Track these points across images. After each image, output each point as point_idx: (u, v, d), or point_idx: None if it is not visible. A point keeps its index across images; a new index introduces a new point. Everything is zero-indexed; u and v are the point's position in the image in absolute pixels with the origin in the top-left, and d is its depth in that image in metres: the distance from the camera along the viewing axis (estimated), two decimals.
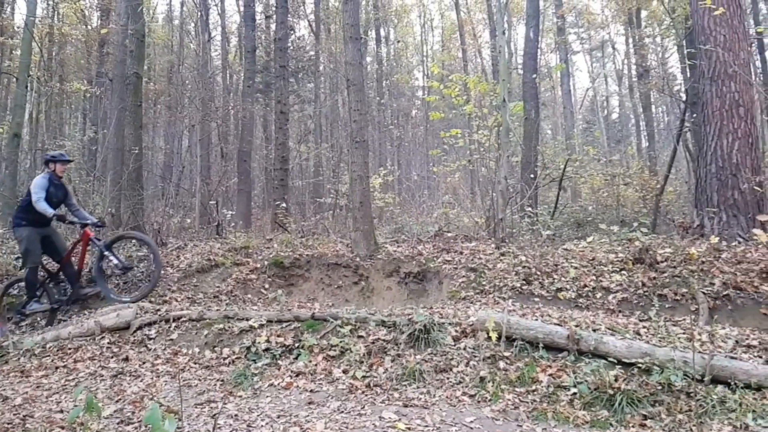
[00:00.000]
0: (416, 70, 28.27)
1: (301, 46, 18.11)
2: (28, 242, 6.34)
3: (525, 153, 12.48)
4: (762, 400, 3.85)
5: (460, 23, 23.40)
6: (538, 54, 17.06)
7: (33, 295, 6.58)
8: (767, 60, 19.47)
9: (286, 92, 11.81)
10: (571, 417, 3.96)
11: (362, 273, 7.62)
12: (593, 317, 5.60)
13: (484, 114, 10.54)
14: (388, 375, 4.86)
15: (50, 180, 6.46)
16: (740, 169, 8.18)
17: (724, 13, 8.31)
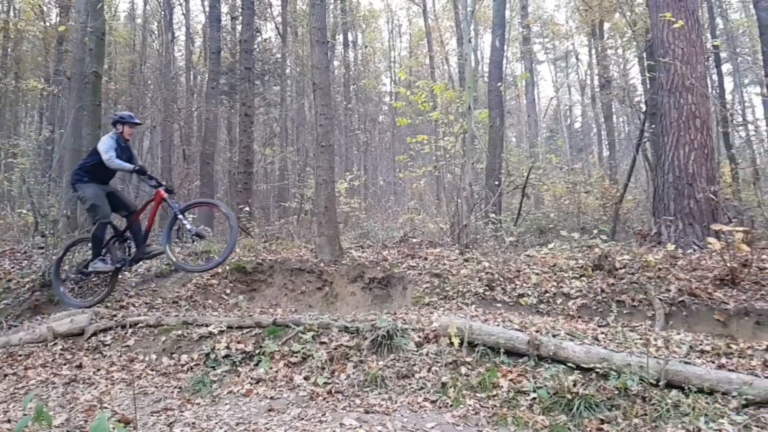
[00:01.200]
0: (384, 76, 28.38)
1: (268, 48, 17.94)
2: (95, 198, 6.14)
3: (490, 160, 12.63)
4: (714, 403, 3.95)
5: (427, 30, 23.57)
6: (503, 63, 17.31)
7: (98, 253, 6.34)
8: (723, 74, 20.20)
9: (252, 95, 11.67)
10: (530, 422, 4.00)
11: (326, 278, 7.57)
12: (554, 323, 5.68)
13: (450, 121, 10.63)
14: (350, 381, 4.83)
15: (117, 141, 6.23)
16: (696, 179, 8.43)
17: (683, 26, 8.58)
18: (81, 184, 6.18)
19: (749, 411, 3.87)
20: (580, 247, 8.21)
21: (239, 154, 11.66)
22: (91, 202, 6.13)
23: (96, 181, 6.23)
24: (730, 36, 21.38)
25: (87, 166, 6.24)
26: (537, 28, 28.17)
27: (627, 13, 15.21)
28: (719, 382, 4.07)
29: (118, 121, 6.31)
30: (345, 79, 22.46)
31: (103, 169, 6.20)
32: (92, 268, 6.43)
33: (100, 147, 6.12)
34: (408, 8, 27.95)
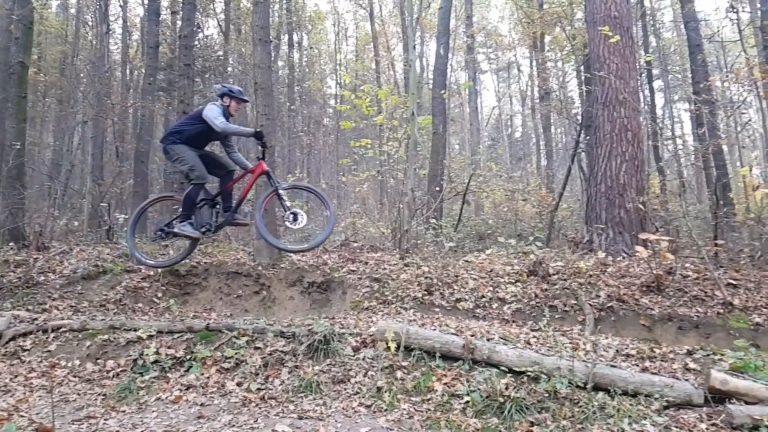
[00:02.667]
0: (329, 78, 28.26)
1: (209, 45, 17.51)
2: (192, 159, 5.85)
3: (432, 166, 12.77)
4: (637, 405, 4.11)
5: (374, 35, 23.64)
6: (447, 71, 17.57)
7: (189, 215, 5.97)
8: (654, 90, 21.23)
9: (191, 92, 11.33)
10: (463, 425, 4.04)
11: (264, 282, 7.42)
12: (489, 327, 5.78)
13: (394, 126, 10.66)
14: (285, 387, 4.76)
15: (223, 112, 5.89)
16: (627, 190, 8.80)
17: (618, 42, 8.94)
18: (174, 145, 5.88)
19: (670, 412, 4.05)
20: (516, 253, 8.40)
21: None
22: (189, 162, 5.83)
23: (188, 144, 5.93)
24: (662, 54, 22.49)
25: (185, 133, 5.92)
26: (481, 38, 28.81)
27: (567, 27, 15.76)
28: (643, 385, 4.24)
29: (227, 94, 6.02)
30: (289, 80, 22.18)
31: (203, 138, 5.99)
32: (178, 230, 6.03)
33: (208, 114, 5.80)
34: (355, 12, 28.00)
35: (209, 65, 15.80)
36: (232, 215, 6.20)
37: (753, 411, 3.82)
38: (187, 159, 5.84)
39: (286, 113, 20.71)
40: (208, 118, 5.75)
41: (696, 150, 15.01)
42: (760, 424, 3.73)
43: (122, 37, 18.97)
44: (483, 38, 29.15)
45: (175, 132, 5.99)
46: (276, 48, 21.77)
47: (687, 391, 4.14)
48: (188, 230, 5.94)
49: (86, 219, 11.94)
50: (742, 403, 3.99)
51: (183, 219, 5.97)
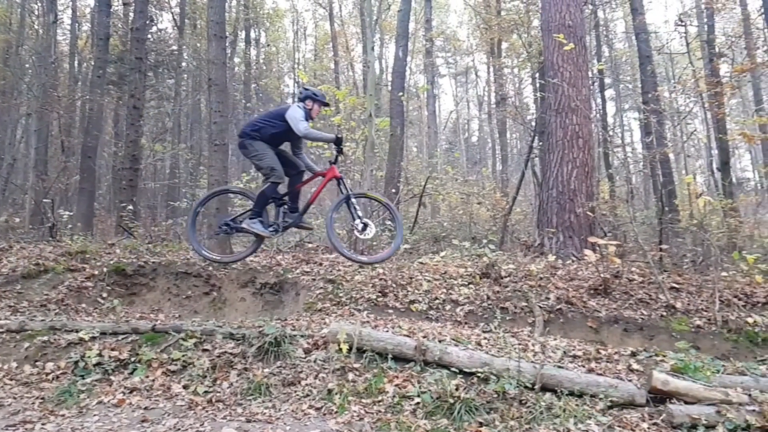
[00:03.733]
0: (287, 77, 27.96)
1: (163, 39, 17.05)
2: (271, 157, 5.82)
3: (389, 168, 12.80)
4: (583, 405, 4.19)
5: (333, 35, 23.54)
6: (406, 73, 17.65)
7: (260, 213, 5.96)
8: (606, 98, 21.89)
9: (142, 86, 11.02)
10: (413, 426, 4.03)
11: (214, 283, 7.24)
12: (441, 328, 5.80)
13: (352, 127, 10.63)
14: (233, 389, 4.67)
15: (305, 115, 5.86)
16: (577, 195, 9.02)
17: (571, 50, 9.15)
18: (254, 141, 5.83)
19: (613, 412, 4.14)
20: (470, 256, 8.48)
21: (125, 149, 10.92)
22: (269, 160, 5.79)
23: (268, 143, 5.90)
24: (614, 63, 23.22)
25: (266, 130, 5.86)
26: (440, 43, 29.09)
27: (523, 35, 16.08)
28: (588, 385, 4.33)
29: (310, 97, 5.98)
30: (246, 77, 21.82)
31: (281, 137, 5.93)
32: (248, 226, 5.99)
33: (291, 115, 5.76)
34: (314, 11, 27.83)
35: (162, 59, 15.39)
36: (300, 217, 6.19)
37: (692, 410, 3.95)
38: (267, 157, 5.79)
39: (242, 111, 20.38)
40: (291, 119, 5.70)
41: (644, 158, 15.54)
42: (698, 423, 3.86)
43: (71, 28, 18.29)
44: (442, 42, 29.44)
45: (255, 128, 5.90)
46: (232, 44, 21.40)
47: (630, 391, 4.25)
48: (259, 228, 5.88)
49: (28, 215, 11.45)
50: (682, 402, 4.11)
51: (254, 216, 5.92)
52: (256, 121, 6.16)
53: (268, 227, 5.95)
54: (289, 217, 6.11)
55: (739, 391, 4.14)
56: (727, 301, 6.48)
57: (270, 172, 5.80)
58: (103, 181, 15.87)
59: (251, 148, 5.86)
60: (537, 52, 14.41)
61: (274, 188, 5.91)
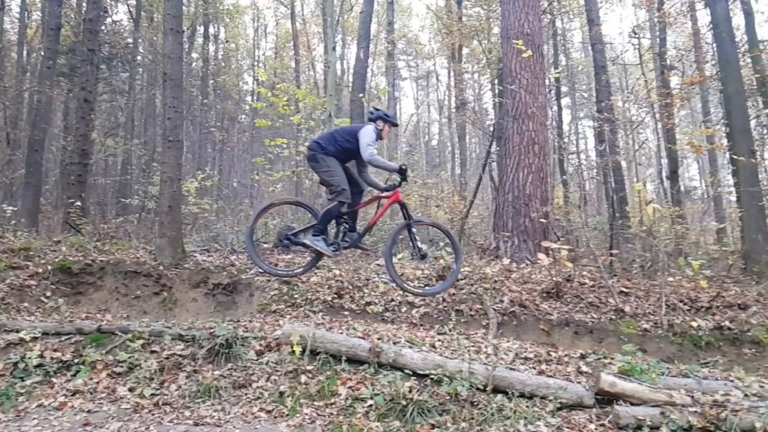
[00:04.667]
0: (246, 74, 27.50)
1: (117, 31, 16.53)
2: (340, 174, 5.71)
3: None
4: (533, 407, 4.26)
5: (294, 33, 23.31)
6: (367, 75, 17.65)
7: (323, 230, 5.80)
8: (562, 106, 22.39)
9: (94, 79, 10.65)
10: (365, 429, 4.01)
11: (165, 283, 7.05)
12: (396, 330, 5.80)
13: (311, 126, 10.53)
14: (181, 392, 4.56)
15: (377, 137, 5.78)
16: (532, 200, 9.16)
17: (529, 58, 9.30)
18: (326, 156, 5.71)
19: (562, 413, 4.22)
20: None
21: (75, 143, 10.50)
22: (338, 178, 5.68)
23: (339, 159, 5.78)
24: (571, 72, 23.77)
25: (338, 146, 5.75)
26: (402, 45, 29.21)
27: (484, 41, 16.29)
28: (539, 387, 4.39)
29: (381, 118, 5.90)
30: (203, 73, 21.36)
31: (350, 155, 5.83)
32: (311, 243, 5.78)
33: (362, 137, 5.67)
34: (276, 8, 27.47)
35: (116, 52, 14.90)
36: (360, 238, 6.11)
37: (637, 412, 4.06)
38: (337, 174, 5.71)
39: (199, 107, 19.95)
40: (361, 141, 5.65)
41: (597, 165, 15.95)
42: (643, 424, 3.97)
43: (20, 16, 17.52)
44: (404, 45, 29.57)
45: (329, 142, 5.81)
46: (190, 39, 20.95)
47: (579, 393, 4.33)
48: (322, 246, 5.75)
49: None
50: (628, 404, 4.22)
51: (317, 233, 5.78)
52: (330, 135, 6.09)
53: (329, 245, 5.88)
54: (348, 237, 6.03)
55: (682, 393, 4.28)
56: (673, 305, 6.70)
57: (339, 191, 5.71)
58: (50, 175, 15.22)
59: (323, 163, 5.76)
60: (496, 59, 14.60)
61: (339, 207, 5.81)
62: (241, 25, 27.10)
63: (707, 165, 21.13)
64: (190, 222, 11.35)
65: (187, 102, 16.21)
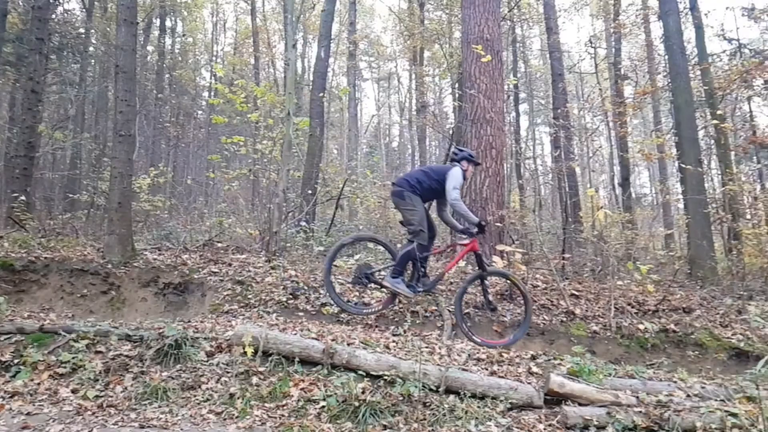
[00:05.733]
0: (204, 69, 26.92)
1: (69, 20, 15.94)
2: (423, 216, 5.75)
3: (307, 169, 12.64)
4: (484, 407, 4.29)
5: (254, 30, 22.98)
6: (328, 74, 17.59)
7: (401, 272, 5.78)
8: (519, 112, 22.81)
9: (43, 69, 10.23)
10: (317, 430, 3.96)
11: (113, 281, 6.83)
12: (351, 332, 5.76)
13: (270, 124, 10.40)
14: (127, 394, 4.40)
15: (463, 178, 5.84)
16: (488, 203, 9.26)
17: (489, 63, 9.41)
18: (413, 194, 5.76)
19: (513, 414, 4.26)
20: (384, 259, 8.51)
21: (20, 135, 10.07)
22: (421, 220, 5.73)
23: (423, 199, 5.86)
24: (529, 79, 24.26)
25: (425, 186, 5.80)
26: (364, 46, 29.21)
27: (445, 45, 16.44)
28: (490, 388, 4.43)
29: (467, 159, 5.94)
30: (159, 67, 20.83)
31: (433, 194, 5.89)
32: (391, 285, 5.81)
33: (450, 179, 5.70)
34: (236, 4, 27.04)
35: (67, 42, 14.36)
36: (434, 284, 6.06)
37: (585, 412, 4.13)
38: (421, 215, 5.75)
39: (153, 102, 19.43)
40: (448, 183, 5.68)
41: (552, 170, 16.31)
42: (590, 424, 4.05)
43: None
44: (366, 46, 29.58)
45: (417, 181, 5.82)
46: (146, 32, 20.40)
47: (529, 393, 4.39)
48: (402, 288, 5.74)
49: None
50: (576, 404, 4.30)
51: (395, 275, 5.76)
52: (419, 173, 6.07)
53: (408, 287, 5.86)
54: (422, 282, 6.00)
55: (628, 394, 4.39)
56: (622, 308, 6.89)
57: (419, 233, 5.75)
58: None
59: (408, 201, 5.79)
60: (457, 63, 14.76)
61: (419, 250, 5.84)
62: (200, 19, 26.53)
63: (657, 173, 21.87)
64: (141, 219, 11.06)
65: (140, 96, 15.78)
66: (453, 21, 16.74)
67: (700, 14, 13.57)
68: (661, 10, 11.63)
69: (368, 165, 19.20)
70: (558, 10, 18.17)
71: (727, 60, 15.52)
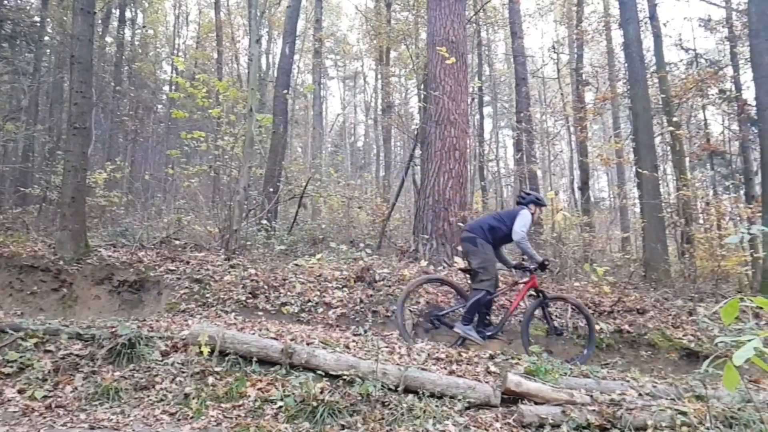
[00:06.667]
0: (165, 63, 26.24)
1: (23, 8, 15.33)
2: (494, 266, 5.80)
3: (270, 166, 12.50)
4: (442, 406, 4.31)
5: (218, 24, 22.58)
6: (293, 71, 17.42)
7: (471, 319, 5.78)
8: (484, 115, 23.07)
9: None
10: (273, 430, 3.91)
11: (65, 279, 6.61)
12: (311, 331, 5.72)
13: (232, 120, 10.24)
14: (77, 394, 4.27)
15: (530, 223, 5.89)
16: (451, 204, 9.34)
17: (453, 65, 9.49)
18: (486, 242, 5.80)
19: (470, 413, 4.29)
20: (346, 259, 8.49)
21: None
22: (493, 269, 5.79)
23: (495, 248, 5.91)
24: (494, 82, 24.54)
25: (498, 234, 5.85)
26: (330, 44, 29.05)
27: (411, 46, 16.48)
28: (449, 387, 4.45)
29: (533, 202, 5.99)
30: (117, 59, 20.24)
31: (503, 241, 5.94)
32: (461, 331, 5.76)
33: (519, 220, 5.76)
34: None
35: (21, 30, 13.81)
36: (501, 326, 6.07)
37: (540, 411, 4.20)
38: (492, 265, 5.79)
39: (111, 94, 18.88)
40: (517, 223, 5.74)
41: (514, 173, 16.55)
42: (545, 423, 4.11)
43: None
44: (332, 44, 29.42)
45: (490, 229, 5.87)
46: (104, 22, 19.81)
47: (486, 392, 4.43)
48: (473, 335, 5.76)
49: None
50: (533, 403, 4.36)
51: (466, 322, 5.76)
52: (492, 221, 6.08)
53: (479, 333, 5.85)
54: (488, 327, 6.00)
55: (582, 393, 4.47)
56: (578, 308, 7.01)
57: (490, 282, 5.79)
58: None
59: (481, 249, 5.80)
60: (423, 64, 14.81)
61: (488, 298, 5.89)
62: (161, 11, 25.88)
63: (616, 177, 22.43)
64: (96, 215, 10.74)
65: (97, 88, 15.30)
66: (419, 22, 16.82)
67: (659, 24, 14.00)
68: (622, 18, 11.92)
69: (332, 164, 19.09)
70: (523, 15, 18.42)
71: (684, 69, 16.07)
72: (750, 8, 9.97)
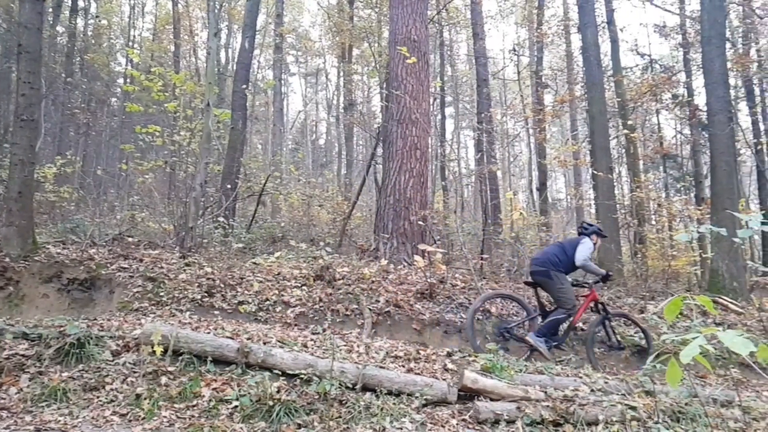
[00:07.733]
0: (120, 54, 25.41)
1: None
2: (570, 291, 6.18)
3: (228, 163, 12.28)
4: (400, 404, 4.32)
5: (175, 16, 22.03)
6: (252, 66, 17.14)
7: (546, 333, 6.12)
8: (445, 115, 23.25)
9: None
10: (228, 430, 3.85)
11: (11, 276, 6.33)
12: (268, 330, 5.66)
13: (188, 115, 10.03)
14: (22, 396, 4.11)
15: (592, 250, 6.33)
16: (412, 203, 9.38)
17: (415, 64, 9.52)
18: (560, 273, 6.16)
19: (427, 410, 4.32)
20: (306, 258, 8.43)
21: None
22: (571, 296, 6.13)
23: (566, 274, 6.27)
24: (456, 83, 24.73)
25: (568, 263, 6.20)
26: (291, 40, 28.74)
27: (374, 44, 16.47)
28: (406, 385, 4.48)
29: (595, 233, 6.41)
30: (69, 50, 19.51)
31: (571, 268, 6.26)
32: (533, 342, 6.04)
33: (582, 247, 6.20)
34: None
35: None
36: (565, 338, 6.38)
37: (496, 407, 4.26)
38: (569, 291, 6.14)
39: (62, 86, 18.20)
40: (580, 249, 6.18)
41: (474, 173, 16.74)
42: (501, 419, 4.17)
43: None
44: (293, 40, 29.11)
45: (557, 258, 6.21)
46: (55, 11, 19.11)
47: (443, 389, 4.47)
48: (544, 348, 6.01)
49: None
50: (488, 400, 4.42)
51: (540, 335, 6.08)
52: (558, 251, 6.40)
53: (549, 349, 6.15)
54: (553, 337, 6.25)
55: (537, 389, 4.56)
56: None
57: (572, 308, 6.13)
58: None
59: (557, 280, 6.13)
60: (385, 63, 14.83)
61: (567, 319, 6.21)
62: (116, 1, 25.08)
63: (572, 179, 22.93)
64: (45, 211, 10.36)
65: (47, 79, 14.74)
66: (382, 20, 16.81)
67: (617, 29, 14.40)
68: (581, 22, 12.19)
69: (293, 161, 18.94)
70: (485, 17, 18.65)
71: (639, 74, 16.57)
72: (702, 16, 10.34)
